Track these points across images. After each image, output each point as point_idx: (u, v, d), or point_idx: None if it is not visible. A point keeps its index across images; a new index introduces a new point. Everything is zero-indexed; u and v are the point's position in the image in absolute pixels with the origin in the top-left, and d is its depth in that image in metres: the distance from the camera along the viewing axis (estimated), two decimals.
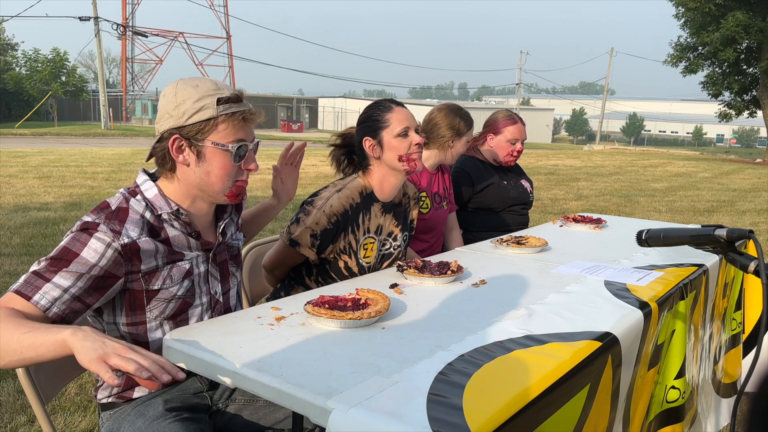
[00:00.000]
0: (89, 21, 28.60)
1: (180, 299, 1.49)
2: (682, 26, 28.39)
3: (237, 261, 1.69)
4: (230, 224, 1.66)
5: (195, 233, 1.51)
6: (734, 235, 1.47)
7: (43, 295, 1.30)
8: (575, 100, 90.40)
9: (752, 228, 2.96)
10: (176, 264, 1.47)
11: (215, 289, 1.59)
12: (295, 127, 40.54)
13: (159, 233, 1.45)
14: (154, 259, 1.43)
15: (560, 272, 2.02)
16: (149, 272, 1.43)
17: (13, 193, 8.48)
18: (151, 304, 1.45)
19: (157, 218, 1.45)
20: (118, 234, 1.37)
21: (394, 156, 2.02)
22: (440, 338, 1.39)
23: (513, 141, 3.02)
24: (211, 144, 1.43)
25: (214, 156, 1.44)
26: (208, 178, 1.45)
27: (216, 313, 1.59)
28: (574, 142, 62.69)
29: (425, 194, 2.70)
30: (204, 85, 1.44)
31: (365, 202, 2.07)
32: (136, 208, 1.43)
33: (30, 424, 2.55)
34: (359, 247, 2.05)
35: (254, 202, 9.05)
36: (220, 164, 1.45)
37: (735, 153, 41.94)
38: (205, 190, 1.48)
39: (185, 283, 1.50)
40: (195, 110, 1.41)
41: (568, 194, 11.14)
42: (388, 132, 2.02)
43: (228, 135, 1.43)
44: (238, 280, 1.69)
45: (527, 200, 3.16)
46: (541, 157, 20.89)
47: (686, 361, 1.91)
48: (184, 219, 1.48)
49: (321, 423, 1.07)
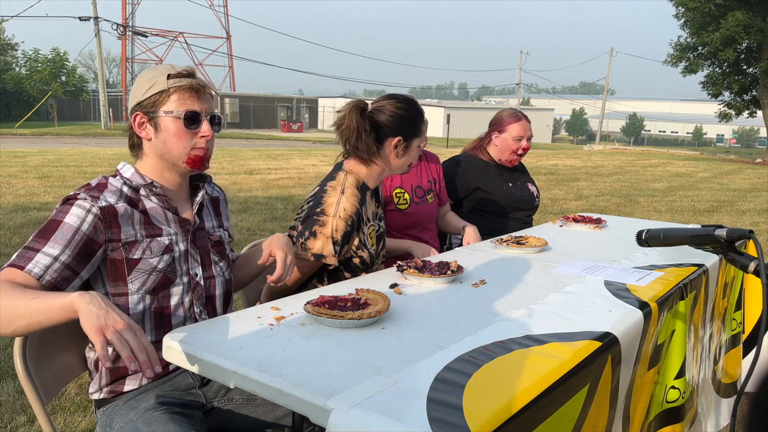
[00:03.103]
0: (89, 21, 28.60)
1: (161, 273, 1.55)
2: (682, 26, 28.40)
3: (221, 251, 1.73)
4: (208, 214, 1.73)
5: (172, 208, 1.60)
6: (734, 235, 1.47)
7: (36, 264, 1.38)
8: (575, 100, 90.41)
9: (752, 228, 2.96)
10: (155, 238, 1.55)
11: (195, 270, 1.63)
12: (295, 127, 40.52)
13: (137, 205, 1.55)
14: (132, 228, 1.51)
15: (560, 272, 2.02)
16: (129, 242, 1.50)
17: (13, 193, 8.48)
18: (132, 275, 1.51)
19: (135, 191, 1.56)
20: (96, 199, 1.48)
21: (407, 162, 2.16)
22: (440, 338, 1.39)
23: (518, 138, 2.98)
24: (163, 113, 1.55)
25: (167, 124, 1.55)
26: (165, 146, 1.56)
27: (196, 296, 1.63)
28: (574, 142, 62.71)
29: (402, 189, 2.63)
30: (162, 68, 1.58)
31: (362, 194, 2.11)
32: (114, 183, 1.55)
33: (30, 424, 2.55)
34: (366, 237, 2.10)
35: (254, 202, 8.99)
36: (173, 131, 1.55)
37: (735, 153, 41.95)
38: (166, 159, 1.58)
39: (165, 257, 1.56)
40: (149, 86, 1.55)
41: (568, 194, 11.14)
42: (418, 140, 2.15)
43: (179, 105, 1.55)
44: (224, 273, 1.73)
45: (533, 204, 3.10)
46: (541, 157, 20.89)
47: (686, 361, 1.91)
48: (158, 192, 1.58)
49: (321, 423, 1.07)
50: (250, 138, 29.44)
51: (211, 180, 1.79)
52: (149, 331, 1.55)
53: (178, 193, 1.65)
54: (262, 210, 7.92)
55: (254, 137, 30.50)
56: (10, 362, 3.05)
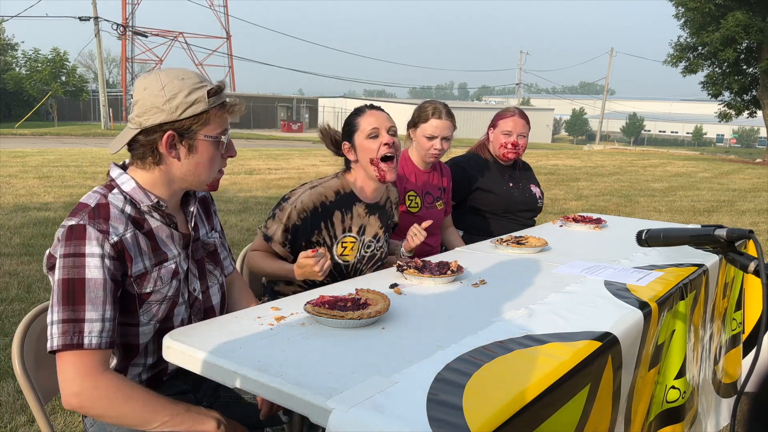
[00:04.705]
0: (89, 21, 28.58)
1: (170, 300, 1.49)
2: (682, 26, 28.39)
3: (215, 259, 1.66)
4: (200, 219, 1.64)
5: (174, 224, 1.51)
6: (734, 235, 1.47)
7: (90, 335, 1.31)
8: (575, 100, 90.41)
9: (752, 228, 2.96)
10: (163, 265, 1.47)
11: (194, 286, 1.58)
12: (295, 127, 40.51)
13: (142, 225, 1.44)
14: (141, 260, 1.42)
15: (560, 272, 2.02)
16: (139, 276, 1.42)
17: (13, 193, 8.47)
18: (143, 308, 1.45)
19: (138, 211, 1.44)
20: (107, 234, 1.35)
21: (366, 158, 2.07)
22: (440, 338, 1.39)
23: (507, 133, 2.98)
24: (204, 137, 1.44)
25: (205, 148, 1.46)
26: (196, 169, 1.47)
27: (195, 310, 1.58)
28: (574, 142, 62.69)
29: (414, 193, 2.67)
30: (189, 77, 1.43)
31: (344, 202, 2.10)
32: (116, 203, 1.41)
33: (30, 424, 2.55)
34: (336, 243, 2.08)
35: (254, 202, 8.98)
36: (209, 156, 1.47)
37: (735, 153, 41.94)
38: (188, 180, 1.49)
39: (174, 283, 1.50)
40: (188, 104, 1.40)
41: (568, 194, 11.14)
42: (359, 135, 2.09)
43: (217, 127, 1.46)
44: (218, 280, 1.67)
45: (534, 206, 3.09)
46: (541, 157, 20.88)
47: (686, 361, 1.91)
48: (164, 210, 1.47)
49: (321, 423, 1.07)
50: (250, 138, 29.44)
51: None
52: (152, 354, 1.51)
53: (176, 207, 1.56)
54: (262, 210, 7.92)
55: (254, 137, 30.50)
56: (10, 362, 3.05)
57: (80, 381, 1.30)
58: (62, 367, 1.32)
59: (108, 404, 1.31)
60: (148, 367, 1.52)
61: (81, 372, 1.31)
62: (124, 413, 1.33)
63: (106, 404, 1.31)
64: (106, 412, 1.32)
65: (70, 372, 1.31)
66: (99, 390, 1.31)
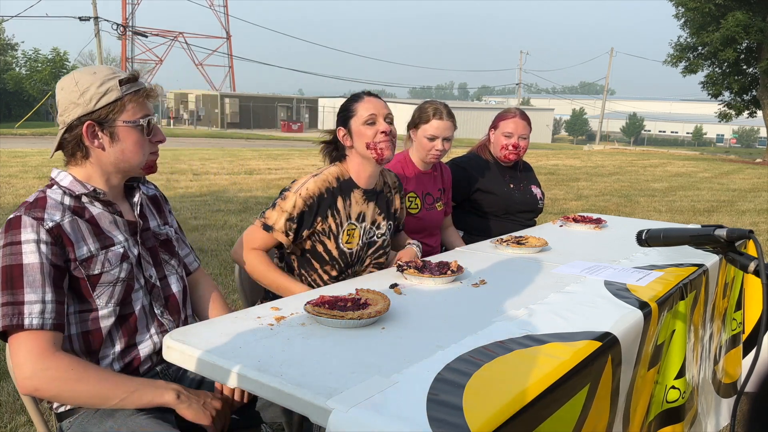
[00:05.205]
0: (89, 21, 28.59)
1: (124, 281, 1.52)
2: (682, 26, 28.37)
3: (169, 249, 1.71)
4: (150, 213, 1.70)
5: (118, 212, 1.56)
6: (734, 235, 1.47)
7: (30, 317, 1.35)
8: (575, 100, 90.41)
9: (752, 228, 2.96)
10: (110, 249, 1.51)
11: (150, 273, 1.62)
12: (295, 127, 40.51)
13: (82, 213, 1.50)
14: (85, 244, 1.46)
15: (560, 272, 2.02)
16: (85, 259, 1.46)
17: (13, 193, 8.47)
18: (98, 290, 1.48)
19: (77, 200, 1.50)
20: (42, 220, 1.41)
21: (362, 143, 2.06)
22: (440, 338, 1.39)
23: (508, 134, 2.98)
24: (123, 123, 1.50)
25: (127, 134, 1.52)
26: (124, 155, 1.52)
27: (155, 297, 1.61)
28: (574, 142, 62.69)
29: (414, 194, 2.67)
30: (101, 71, 1.51)
31: (344, 188, 2.10)
32: (54, 196, 1.48)
33: (30, 424, 2.55)
34: (341, 231, 2.08)
35: (254, 202, 8.97)
36: (133, 140, 1.53)
37: (735, 153, 41.94)
38: (121, 167, 1.55)
39: (125, 266, 1.53)
40: (101, 94, 1.48)
41: (568, 194, 11.14)
42: (356, 120, 2.07)
43: (135, 112, 1.52)
44: (176, 270, 1.71)
45: (535, 207, 3.08)
46: (541, 157, 20.88)
47: (686, 361, 1.91)
48: (103, 198, 1.53)
49: (321, 423, 1.07)
50: (250, 138, 29.45)
51: (145, 179, 1.76)
52: (118, 340, 1.53)
53: (118, 197, 1.61)
54: (264, 209, 7.92)
55: (254, 137, 30.50)
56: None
57: (32, 364, 1.33)
58: (13, 352, 1.36)
59: (62, 384, 1.35)
60: (118, 355, 1.53)
61: (31, 355, 1.34)
62: (79, 392, 1.37)
63: (60, 385, 1.35)
64: (61, 392, 1.36)
65: (20, 356, 1.34)
66: (51, 371, 1.34)
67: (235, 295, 4.20)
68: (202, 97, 42.34)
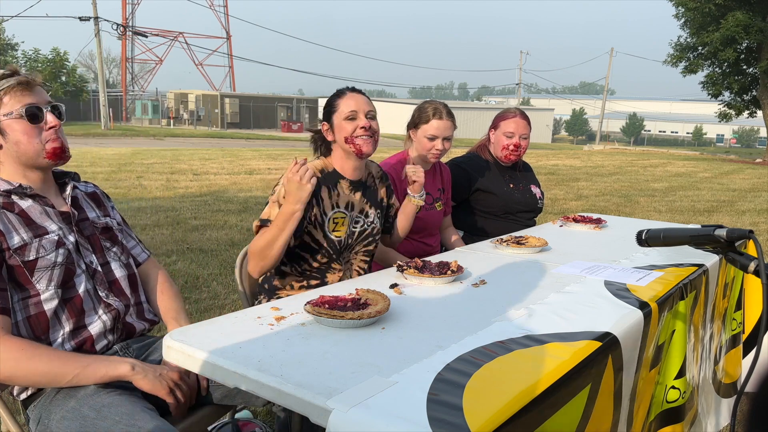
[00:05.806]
0: (89, 21, 28.61)
1: (62, 265, 1.56)
2: (682, 26, 28.37)
3: (110, 236, 1.76)
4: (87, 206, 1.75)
5: (49, 204, 1.62)
6: (734, 235, 1.47)
7: None
8: (575, 100, 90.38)
9: (752, 228, 2.96)
10: (44, 237, 1.56)
11: (90, 259, 1.66)
12: (295, 127, 40.49)
13: (12, 208, 1.56)
14: (17, 233, 1.52)
15: (560, 272, 2.02)
16: (19, 247, 1.51)
17: None
18: (36, 276, 1.53)
19: (6, 196, 1.56)
20: None
21: (342, 138, 2.11)
22: (440, 338, 1.39)
23: (509, 135, 2.99)
24: (4, 117, 1.55)
25: (12, 127, 1.56)
26: (19, 148, 1.57)
27: (98, 282, 1.66)
28: (574, 142, 62.67)
29: None
30: None
31: (329, 179, 2.15)
32: None
33: None
34: (327, 220, 2.10)
35: (254, 202, 8.96)
36: (21, 131, 1.57)
37: (735, 153, 41.93)
38: (24, 160, 1.59)
39: (61, 251, 1.57)
40: None
41: (568, 194, 11.14)
42: (337, 116, 2.12)
43: (14, 104, 1.56)
44: (119, 257, 1.75)
45: (535, 207, 3.08)
46: (541, 157, 20.89)
47: (686, 361, 1.91)
48: (30, 193, 1.59)
49: (321, 423, 1.07)
50: (250, 138, 29.45)
51: (80, 178, 1.82)
52: (66, 321, 1.57)
53: (48, 191, 1.66)
54: (262, 210, 7.92)
55: (254, 137, 30.50)
56: None
57: None
58: None
59: (14, 365, 1.41)
60: (68, 335, 1.57)
61: None
62: (31, 371, 1.42)
63: (12, 365, 1.41)
64: (14, 372, 1.41)
65: None
66: (2, 353, 1.39)
67: (235, 295, 4.20)
68: (202, 97, 42.36)
